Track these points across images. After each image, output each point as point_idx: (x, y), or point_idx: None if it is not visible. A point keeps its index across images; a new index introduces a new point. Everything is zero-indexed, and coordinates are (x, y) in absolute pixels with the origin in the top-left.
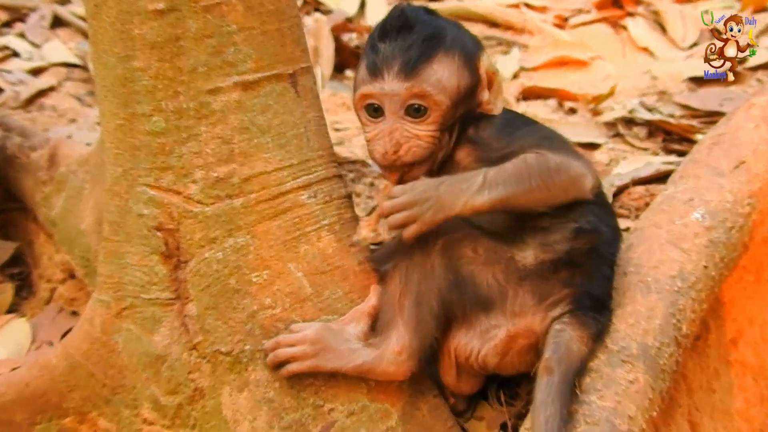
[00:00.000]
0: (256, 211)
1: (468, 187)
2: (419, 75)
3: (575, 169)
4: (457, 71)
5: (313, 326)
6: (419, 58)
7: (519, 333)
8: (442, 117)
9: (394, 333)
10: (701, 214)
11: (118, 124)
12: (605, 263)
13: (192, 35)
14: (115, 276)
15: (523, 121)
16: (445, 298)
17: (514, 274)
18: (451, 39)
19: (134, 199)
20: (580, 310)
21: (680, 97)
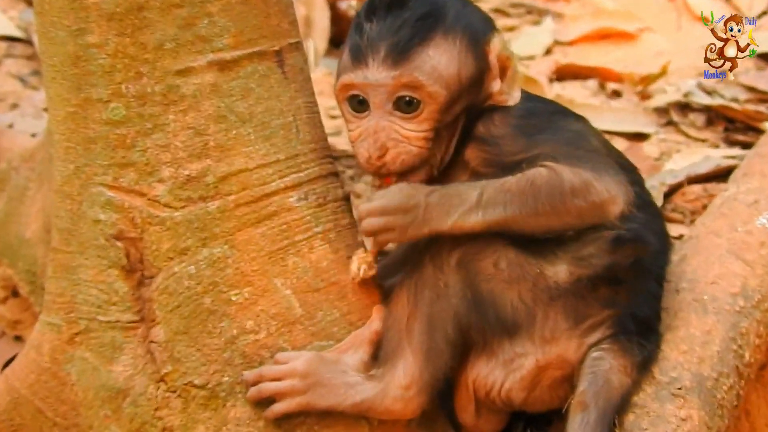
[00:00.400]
0: (236, 216)
1: (460, 203)
2: (411, 61)
3: (598, 192)
4: (458, 56)
5: (303, 356)
6: (411, 40)
7: (550, 363)
8: (439, 112)
9: (401, 363)
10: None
11: (69, 111)
12: (652, 278)
13: (158, 4)
14: (67, 294)
15: (547, 116)
16: (462, 321)
17: (543, 293)
18: (453, 17)
19: (89, 202)
20: (623, 334)
21: (746, 77)
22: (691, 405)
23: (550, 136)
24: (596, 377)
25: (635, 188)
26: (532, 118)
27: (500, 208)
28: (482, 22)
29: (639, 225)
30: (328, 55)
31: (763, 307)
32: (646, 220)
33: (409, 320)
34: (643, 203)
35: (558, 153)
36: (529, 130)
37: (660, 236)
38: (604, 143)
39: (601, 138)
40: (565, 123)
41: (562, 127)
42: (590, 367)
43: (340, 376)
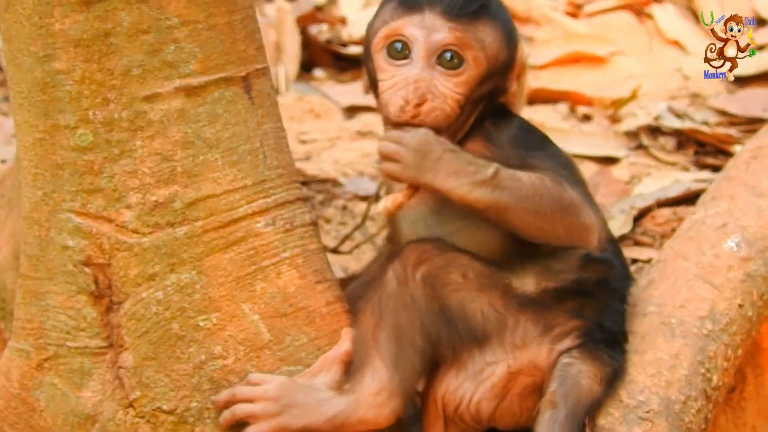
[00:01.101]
0: (203, 241)
1: (474, 172)
2: (466, 22)
3: (587, 216)
4: (499, 40)
5: (276, 379)
6: (468, 5)
7: (521, 368)
8: (476, 80)
9: (369, 371)
10: (736, 242)
11: (37, 138)
12: (617, 297)
13: (125, 30)
14: (35, 320)
15: (539, 139)
16: (430, 333)
17: (513, 300)
18: (496, 8)
19: (57, 228)
20: (592, 343)
21: (716, 100)
22: (659, 428)
23: (546, 157)
24: (566, 379)
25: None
26: (528, 136)
27: (508, 193)
28: (516, 30)
29: (606, 252)
30: (299, 80)
31: (731, 330)
32: (612, 250)
33: (374, 330)
34: (610, 237)
35: (556, 172)
36: (526, 145)
37: (622, 264)
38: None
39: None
40: (556, 149)
41: (554, 151)
42: (560, 370)
43: (313, 394)
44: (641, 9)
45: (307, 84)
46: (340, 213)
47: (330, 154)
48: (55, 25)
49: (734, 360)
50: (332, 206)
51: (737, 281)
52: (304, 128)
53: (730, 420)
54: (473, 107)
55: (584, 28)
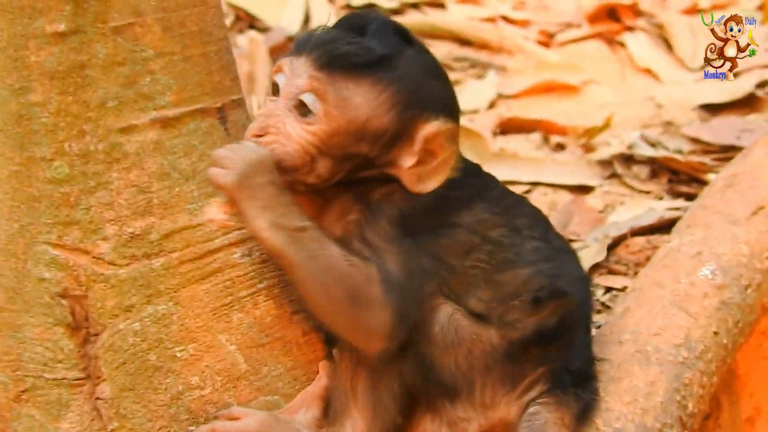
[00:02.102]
0: (180, 273)
1: (281, 215)
2: (333, 77)
3: (378, 323)
4: (374, 106)
5: (257, 415)
6: (345, 62)
7: (493, 426)
8: (328, 136)
9: (349, 423)
10: (711, 270)
11: (12, 170)
12: (579, 330)
13: (100, 62)
14: (13, 352)
15: (412, 229)
16: (407, 380)
17: (479, 360)
18: (400, 74)
19: (34, 261)
20: (560, 387)
21: (689, 128)
22: None
23: (400, 252)
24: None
25: (541, 241)
26: (408, 220)
27: (302, 252)
28: (437, 102)
29: (550, 277)
30: None
31: (707, 358)
32: (558, 265)
33: (352, 380)
34: (555, 245)
35: (383, 267)
36: (393, 231)
37: (575, 279)
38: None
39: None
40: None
41: (415, 255)
42: (526, 422)
43: None
44: (613, 38)
45: None
46: None
47: None
48: (30, 58)
49: (709, 387)
50: None
51: (712, 309)
52: None
53: None
54: (334, 164)
55: (556, 57)
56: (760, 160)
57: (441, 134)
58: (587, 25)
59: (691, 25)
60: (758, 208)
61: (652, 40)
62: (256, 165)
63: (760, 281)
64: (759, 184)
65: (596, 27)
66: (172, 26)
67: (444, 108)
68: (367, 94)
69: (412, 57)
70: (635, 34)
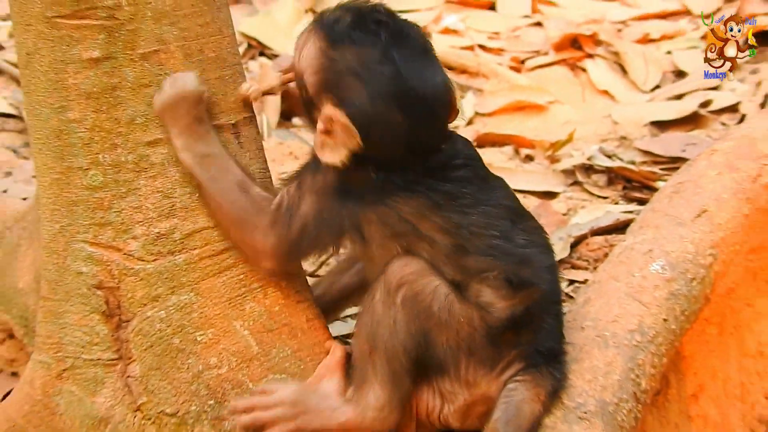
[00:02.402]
0: (200, 267)
1: (195, 141)
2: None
3: (261, 242)
4: (310, 63)
5: (289, 387)
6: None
7: (476, 401)
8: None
9: (371, 392)
10: (661, 265)
11: (54, 178)
12: (550, 315)
13: (129, 84)
14: (55, 336)
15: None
16: (410, 353)
17: (465, 341)
18: (342, 54)
19: (72, 257)
20: (534, 366)
21: (641, 142)
22: (595, 427)
23: (302, 184)
24: (509, 406)
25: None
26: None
27: (205, 174)
28: (353, 95)
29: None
30: (279, 127)
31: (657, 341)
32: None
33: (371, 355)
34: (515, 248)
35: (282, 198)
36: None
37: (542, 270)
38: None
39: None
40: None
41: (311, 186)
42: (505, 397)
43: (324, 401)
44: (575, 64)
45: (287, 131)
46: None
47: None
48: (68, 80)
49: (660, 367)
50: None
51: (662, 299)
52: (284, 168)
53: (656, 419)
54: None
55: (526, 80)
56: (703, 170)
57: (337, 122)
58: (553, 53)
59: (644, 53)
60: (701, 212)
61: (610, 66)
62: (183, 96)
63: (703, 275)
64: (702, 191)
65: (561, 54)
66: (192, 53)
67: (351, 105)
68: (312, 51)
69: (359, 52)
70: (595, 61)
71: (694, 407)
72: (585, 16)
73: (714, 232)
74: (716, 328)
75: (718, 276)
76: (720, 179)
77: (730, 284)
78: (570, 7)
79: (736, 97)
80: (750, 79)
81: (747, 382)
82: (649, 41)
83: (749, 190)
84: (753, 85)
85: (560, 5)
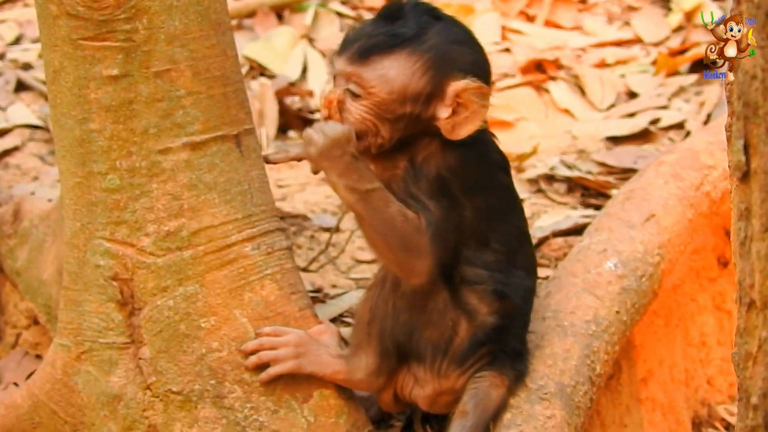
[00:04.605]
0: (204, 262)
1: (356, 180)
2: (367, 64)
3: (421, 264)
4: (413, 75)
5: (295, 332)
6: (375, 47)
7: (443, 391)
8: (378, 107)
9: (364, 356)
10: (614, 263)
11: (76, 182)
12: (520, 323)
13: (144, 99)
14: (75, 322)
15: (447, 186)
16: (398, 339)
17: (447, 344)
18: (430, 44)
19: (91, 251)
20: (498, 361)
21: (598, 155)
22: (554, 406)
23: (435, 204)
24: (477, 391)
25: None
26: (443, 179)
27: (369, 209)
28: (462, 61)
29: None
30: (276, 139)
31: (610, 331)
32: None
33: (369, 326)
34: (509, 266)
35: (428, 219)
36: (433, 187)
37: (521, 290)
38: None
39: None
40: (452, 201)
41: (448, 204)
42: (473, 383)
43: (323, 351)
44: (540, 85)
45: (283, 142)
46: (309, 241)
47: (301, 196)
48: (90, 95)
49: (612, 354)
50: (302, 236)
51: (615, 293)
52: (281, 176)
53: (609, 401)
54: (392, 125)
55: (495, 99)
56: (652, 179)
57: (468, 90)
58: (520, 76)
59: (600, 76)
60: (650, 216)
61: (570, 87)
62: (336, 140)
63: (651, 272)
64: (650, 198)
65: (527, 77)
66: (199, 71)
67: (471, 68)
68: (401, 67)
69: (440, 30)
70: (557, 83)
71: (643, 390)
72: (548, 43)
73: (661, 234)
74: (663, 320)
75: (665, 273)
76: (667, 187)
77: (676, 281)
78: (535, 35)
79: (682, 116)
80: (695, 100)
81: (691, 368)
82: (605, 66)
83: (693, 197)
84: (697, 105)
85: (526, 33)
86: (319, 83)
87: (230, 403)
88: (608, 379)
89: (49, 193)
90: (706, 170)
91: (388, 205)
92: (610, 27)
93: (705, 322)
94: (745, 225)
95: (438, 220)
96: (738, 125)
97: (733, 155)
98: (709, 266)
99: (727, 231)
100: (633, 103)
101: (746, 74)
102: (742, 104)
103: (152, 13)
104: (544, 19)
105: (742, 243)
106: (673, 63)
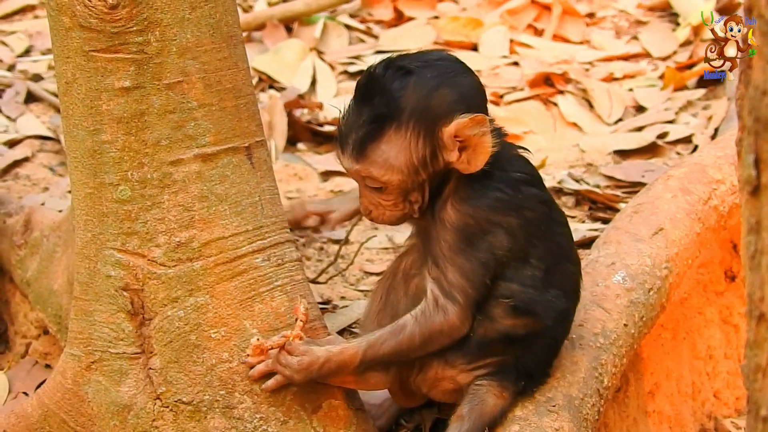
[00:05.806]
0: (215, 273)
1: (366, 346)
2: (367, 157)
3: (449, 335)
4: (409, 145)
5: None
6: (367, 138)
7: (445, 378)
8: (398, 188)
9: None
10: (622, 276)
11: (87, 192)
12: (544, 342)
13: (156, 111)
14: (85, 332)
15: (485, 226)
16: None
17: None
18: (409, 111)
19: (102, 262)
20: (504, 373)
21: (605, 168)
22: (563, 419)
23: (468, 256)
24: (474, 397)
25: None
26: (483, 219)
27: (388, 349)
28: (444, 106)
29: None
30: (286, 151)
31: (618, 344)
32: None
33: (379, 314)
34: (544, 284)
35: (450, 282)
36: (470, 233)
37: (553, 311)
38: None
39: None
40: (494, 239)
41: (487, 245)
42: (472, 390)
43: (329, 343)
44: (548, 99)
45: (292, 154)
46: (318, 253)
47: None
48: (102, 107)
49: (620, 367)
50: (312, 247)
51: (623, 306)
52: (290, 188)
53: (616, 413)
54: (420, 189)
55: (504, 113)
56: (660, 193)
57: (461, 127)
58: (528, 89)
59: (608, 90)
60: (658, 230)
61: (578, 101)
62: (304, 368)
63: (659, 286)
64: (659, 212)
65: (535, 90)
66: (211, 84)
67: (456, 107)
68: (398, 141)
69: (414, 85)
70: (565, 96)
71: (650, 403)
72: (556, 57)
73: (669, 247)
74: (670, 333)
75: (673, 287)
76: (675, 201)
77: (683, 294)
78: (543, 48)
79: (690, 130)
80: (702, 114)
81: (698, 381)
82: (613, 80)
83: (700, 211)
84: (705, 119)
85: (535, 47)
86: (327, 95)
87: (240, 414)
88: (616, 391)
89: (59, 204)
90: (714, 184)
91: (383, 343)
92: (618, 41)
93: (712, 335)
94: (755, 239)
95: (463, 271)
96: (749, 140)
97: (743, 169)
98: (717, 280)
99: (735, 245)
100: (641, 117)
101: (757, 89)
102: (753, 119)
103: (164, 26)
104: (553, 33)
105: (752, 256)
106: (681, 77)
